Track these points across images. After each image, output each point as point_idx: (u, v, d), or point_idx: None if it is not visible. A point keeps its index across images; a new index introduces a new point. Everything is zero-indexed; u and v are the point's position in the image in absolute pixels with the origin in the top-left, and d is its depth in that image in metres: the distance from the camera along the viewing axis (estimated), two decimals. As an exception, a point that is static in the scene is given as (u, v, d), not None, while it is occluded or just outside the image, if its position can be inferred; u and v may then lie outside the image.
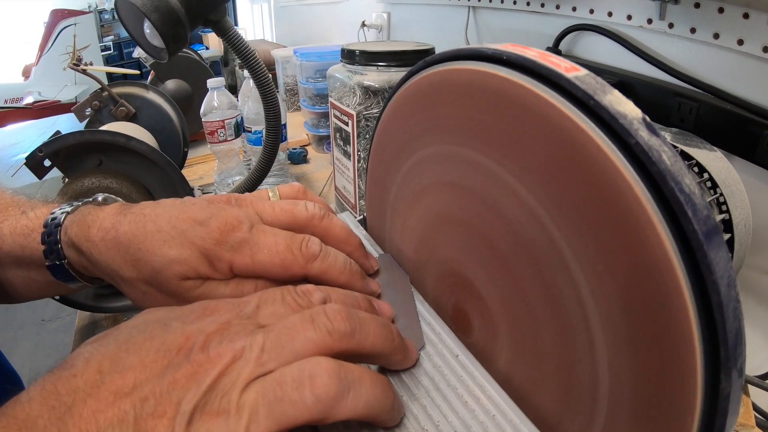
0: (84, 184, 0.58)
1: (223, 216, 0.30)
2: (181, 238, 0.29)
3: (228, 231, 0.29)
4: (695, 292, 0.17)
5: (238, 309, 0.25)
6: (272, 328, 0.23)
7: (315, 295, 0.27)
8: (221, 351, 0.21)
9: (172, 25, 0.57)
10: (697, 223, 0.16)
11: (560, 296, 0.23)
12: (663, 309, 0.18)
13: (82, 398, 0.20)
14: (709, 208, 0.17)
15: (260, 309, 0.25)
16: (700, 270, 0.17)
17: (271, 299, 0.26)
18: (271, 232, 0.30)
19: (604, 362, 0.21)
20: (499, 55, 0.21)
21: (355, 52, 0.61)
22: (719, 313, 0.17)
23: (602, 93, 0.19)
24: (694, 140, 0.50)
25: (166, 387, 0.20)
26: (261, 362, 0.21)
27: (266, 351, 0.22)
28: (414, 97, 0.29)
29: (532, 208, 0.23)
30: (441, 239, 0.31)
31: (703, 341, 0.17)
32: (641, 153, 0.17)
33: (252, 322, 0.24)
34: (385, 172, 0.36)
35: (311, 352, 0.22)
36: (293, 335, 0.23)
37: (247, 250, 0.29)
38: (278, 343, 0.22)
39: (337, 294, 0.28)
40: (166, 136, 0.84)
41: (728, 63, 0.54)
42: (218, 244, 0.29)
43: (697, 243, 0.16)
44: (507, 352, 0.28)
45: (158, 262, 0.29)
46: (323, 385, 0.21)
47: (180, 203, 0.31)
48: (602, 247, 0.20)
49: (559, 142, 0.20)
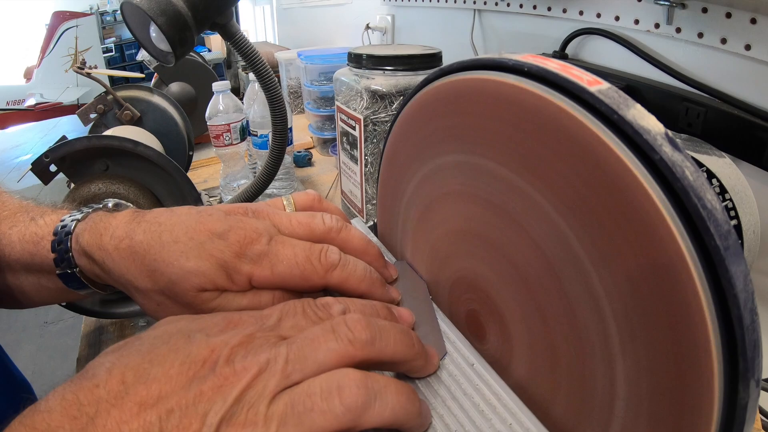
0: (91, 189, 0.58)
1: (242, 228, 0.30)
2: (199, 249, 0.29)
3: (247, 244, 0.29)
4: (716, 305, 0.17)
5: (260, 322, 0.25)
6: (294, 340, 0.23)
7: (334, 307, 0.27)
8: (246, 364, 0.22)
9: (179, 29, 0.56)
10: (719, 239, 0.17)
11: (581, 311, 0.23)
12: (684, 323, 0.18)
13: (106, 409, 0.20)
14: (729, 223, 0.17)
15: (282, 322, 0.26)
16: (721, 284, 0.17)
17: (292, 312, 0.26)
18: (290, 243, 0.30)
19: (622, 376, 0.21)
20: (521, 67, 0.21)
21: (363, 56, 0.61)
22: (739, 326, 0.17)
23: (626, 108, 0.19)
24: (703, 147, 0.50)
25: (192, 399, 0.20)
26: (286, 374, 0.22)
27: (290, 362, 0.22)
28: (432, 105, 0.29)
29: (555, 223, 0.23)
30: (457, 248, 0.31)
31: (722, 353, 0.17)
32: (665, 169, 0.18)
33: (274, 334, 0.24)
34: (398, 178, 0.36)
35: (334, 362, 0.23)
36: (316, 346, 0.23)
37: (266, 263, 0.29)
38: (302, 354, 0.23)
39: (356, 304, 0.28)
40: (171, 140, 0.85)
41: (735, 68, 0.53)
42: (237, 257, 0.29)
43: (718, 258, 0.17)
44: (523, 360, 0.28)
45: (175, 274, 0.28)
46: (351, 395, 0.21)
47: (196, 213, 0.31)
48: (625, 262, 0.20)
49: (583, 157, 0.20)
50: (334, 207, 0.36)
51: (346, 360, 0.23)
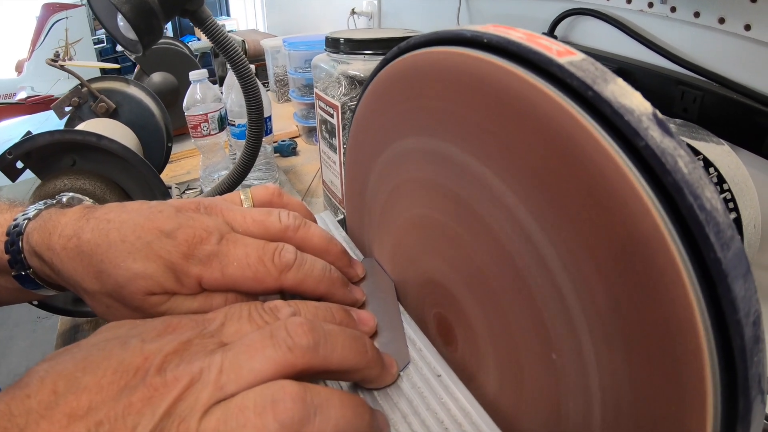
0: (56, 186, 0.56)
1: (191, 227, 0.28)
2: (147, 250, 0.27)
3: (196, 243, 0.27)
4: (715, 331, 0.14)
5: (201, 326, 0.24)
6: (231, 347, 0.22)
7: (283, 310, 0.25)
8: (178, 374, 0.20)
9: (145, 17, 0.55)
10: (721, 249, 0.13)
11: (552, 325, 0.20)
12: (673, 351, 0.15)
13: (35, 420, 0.19)
14: (733, 227, 0.14)
15: (225, 327, 0.24)
16: (722, 306, 0.14)
17: (237, 316, 0.25)
18: (242, 242, 0.28)
19: (597, 392, 0.19)
20: (479, 38, 0.18)
21: (340, 41, 0.58)
22: (741, 358, 0.13)
23: (603, 82, 0.15)
24: (700, 133, 0.47)
25: (121, 411, 0.19)
26: (220, 385, 0.20)
27: (225, 372, 0.21)
28: (389, 87, 0.26)
29: (520, 221, 0.19)
30: (420, 244, 0.28)
31: (720, 391, 0.14)
32: (652, 158, 0.14)
33: (214, 340, 0.23)
34: (361, 169, 0.33)
35: (271, 372, 0.21)
36: (252, 354, 0.21)
37: (216, 264, 0.27)
38: (236, 363, 0.21)
39: (308, 307, 0.26)
40: (148, 132, 0.82)
41: (734, 49, 0.50)
42: (186, 258, 0.27)
43: (719, 274, 0.13)
44: (490, 370, 0.25)
45: (122, 276, 0.27)
46: (286, 410, 0.19)
47: (147, 209, 0.29)
48: (604, 273, 0.17)
49: (549, 141, 0.17)
50: (296, 202, 0.34)
51: (284, 369, 0.21)
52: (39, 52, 3.96)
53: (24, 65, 4.07)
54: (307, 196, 0.83)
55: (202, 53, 1.81)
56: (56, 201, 0.34)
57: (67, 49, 3.97)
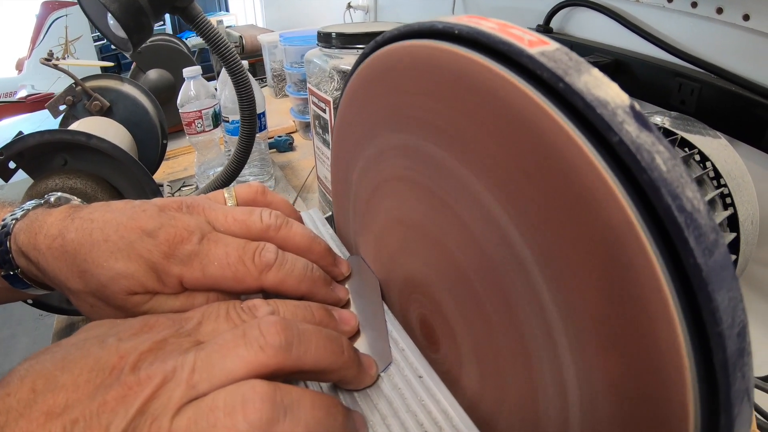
0: (48, 185, 0.56)
1: (173, 226, 0.28)
2: (129, 249, 0.27)
3: (177, 243, 0.27)
4: (695, 344, 0.13)
5: (178, 325, 0.24)
6: (204, 346, 0.22)
7: (261, 309, 0.25)
8: (151, 372, 0.20)
9: (134, 15, 0.55)
10: (702, 255, 0.12)
11: (527, 324, 0.19)
12: (650, 363, 0.14)
13: (15, 418, 0.19)
14: (717, 230, 0.13)
15: (202, 325, 0.24)
16: (702, 317, 0.13)
17: (214, 315, 0.25)
18: (223, 242, 0.28)
19: (576, 405, 0.18)
20: (450, 30, 0.17)
21: (332, 35, 0.57)
22: (723, 374, 0.13)
23: (576, 73, 0.15)
24: (696, 125, 0.46)
25: (96, 409, 0.19)
26: (192, 384, 0.20)
27: (197, 371, 0.21)
28: (366, 82, 0.25)
29: (496, 218, 0.19)
30: (402, 244, 0.28)
31: (700, 405, 0.13)
32: (626, 155, 0.13)
33: (190, 339, 0.23)
34: (345, 166, 0.32)
35: (243, 371, 0.21)
36: (225, 353, 0.21)
37: (197, 264, 0.27)
38: (209, 362, 0.21)
39: (287, 306, 0.26)
40: (142, 129, 0.81)
41: (733, 40, 0.50)
42: (166, 258, 0.27)
43: (699, 282, 0.13)
44: (472, 373, 0.24)
45: (104, 276, 0.27)
46: (255, 410, 0.19)
47: (130, 208, 0.29)
48: (579, 277, 0.16)
49: (520, 137, 0.16)
50: (280, 200, 0.33)
51: (256, 368, 0.21)
52: (39, 51, 3.96)
53: (24, 63, 4.07)
54: (303, 191, 0.82)
55: (200, 50, 1.80)
56: (44, 201, 0.35)
57: (67, 47, 3.97)
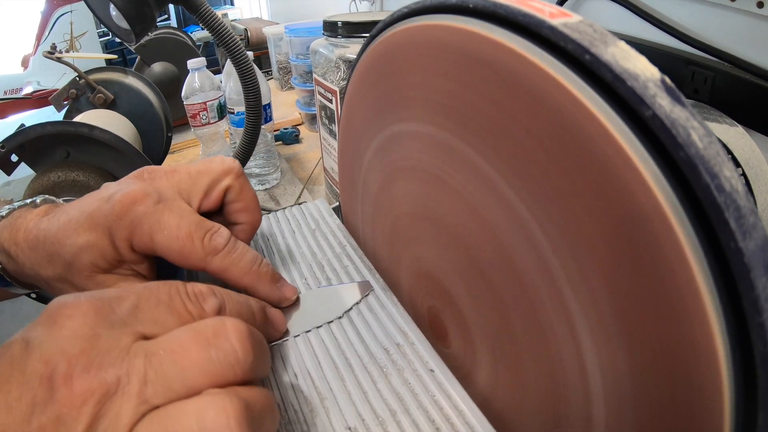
0: (50, 178, 0.55)
1: (128, 190, 0.27)
2: (89, 221, 0.27)
3: (130, 204, 0.26)
4: (732, 336, 0.12)
5: (108, 310, 0.20)
6: (155, 351, 0.19)
7: (209, 301, 0.22)
8: (89, 384, 0.17)
9: (136, 5, 0.54)
10: (743, 238, 0.11)
11: (550, 323, 0.18)
12: (682, 356, 0.13)
13: None
14: (756, 213, 0.12)
15: (139, 311, 0.20)
16: (742, 307, 0.12)
17: (154, 299, 0.21)
18: (179, 211, 0.27)
19: (600, 402, 0.17)
20: (465, 4, 0.16)
21: (338, 24, 0.56)
22: (764, 369, 0.12)
23: (603, 44, 0.14)
24: (712, 113, 0.45)
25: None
26: (144, 398, 0.18)
27: (150, 384, 0.18)
28: (375, 65, 0.24)
29: (512, 204, 0.18)
30: (412, 234, 0.27)
31: (736, 403, 0.13)
32: (661, 130, 0.12)
33: (127, 331, 0.19)
34: (354, 153, 0.31)
35: (206, 385, 0.18)
36: (185, 364, 0.18)
37: (146, 227, 0.26)
38: (163, 374, 0.18)
39: (233, 303, 0.23)
40: (147, 122, 0.81)
41: (747, 28, 0.48)
42: (119, 219, 0.26)
43: (740, 268, 0.11)
44: (486, 367, 0.24)
45: (69, 253, 0.27)
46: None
47: (99, 189, 0.29)
48: (601, 264, 0.15)
49: (538, 114, 0.15)
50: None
51: (220, 384, 0.19)
52: (44, 47, 3.95)
53: (29, 60, 4.07)
54: (309, 183, 0.81)
55: (204, 43, 1.79)
56: (30, 202, 0.34)
57: (72, 43, 3.97)
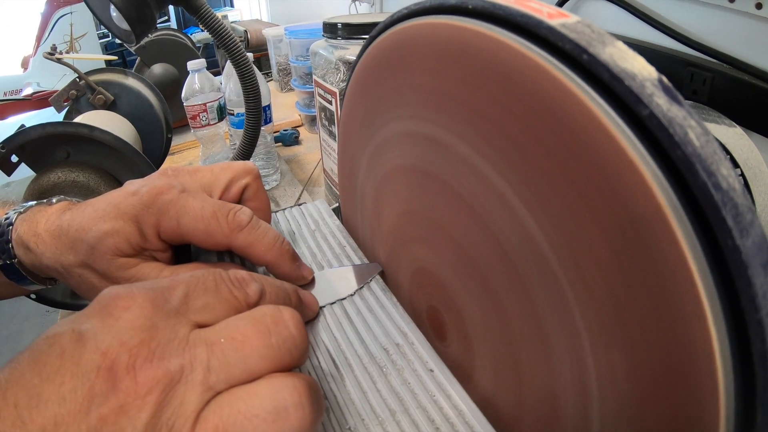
0: (50, 179, 0.56)
1: (156, 184, 0.29)
2: (116, 211, 0.29)
3: (157, 194, 0.29)
4: (731, 333, 0.12)
5: (162, 300, 0.20)
6: (215, 341, 0.19)
7: (252, 286, 0.23)
8: (154, 374, 0.18)
9: (136, 6, 0.55)
10: (740, 235, 0.12)
11: (548, 323, 0.18)
12: (679, 354, 0.13)
13: None
14: (753, 210, 0.12)
15: (190, 299, 0.21)
16: (740, 303, 0.12)
17: (202, 287, 0.22)
18: (201, 197, 0.29)
19: (596, 400, 0.17)
20: (464, 5, 0.17)
21: (337, 26, 0.56)
22: (761, 365, 0.12)
23: (600, 45, 0.14)
24: (711, 114, 0.45)
25: (95, 425, 0.16)
26: (208, 385, 0.18)
27: (213, 371, 0.19)
28: (375, 65, 0.24)
29: (511, 204, 0.18)
30: (411, 234, 0.27)
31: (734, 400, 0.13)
32: (658, 129, 0.13)
33: (182, 320, 0.20)
34: (353, 154, 0.31)
35: (266, 371, 0.20)
36: (247, 352, 0.19)
37: (173, 212, 0.28)
38: (226, 362, 0.19)
39: (271, 287, 0.24)
40: (146, 123, 0.81)
41: (746, 29, 0.48)
42: (146, 208, 0.28)
43: (738, 265, 0.12)
44: (485, 367, 0.24)
45: (93, 237, 0.28)
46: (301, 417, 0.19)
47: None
48: (600, 263, 0.15)
49: (537, 114, 0.15)
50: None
51: (278, 369, 0.20)
52: (44, 48, 3.96)
53: (29, 61, 4.07)
54: (309, 185, 0.82)
55: (204, 44, 1.80)
56: (46, 201, 0.36)
57: (72, 44, 3.97)
